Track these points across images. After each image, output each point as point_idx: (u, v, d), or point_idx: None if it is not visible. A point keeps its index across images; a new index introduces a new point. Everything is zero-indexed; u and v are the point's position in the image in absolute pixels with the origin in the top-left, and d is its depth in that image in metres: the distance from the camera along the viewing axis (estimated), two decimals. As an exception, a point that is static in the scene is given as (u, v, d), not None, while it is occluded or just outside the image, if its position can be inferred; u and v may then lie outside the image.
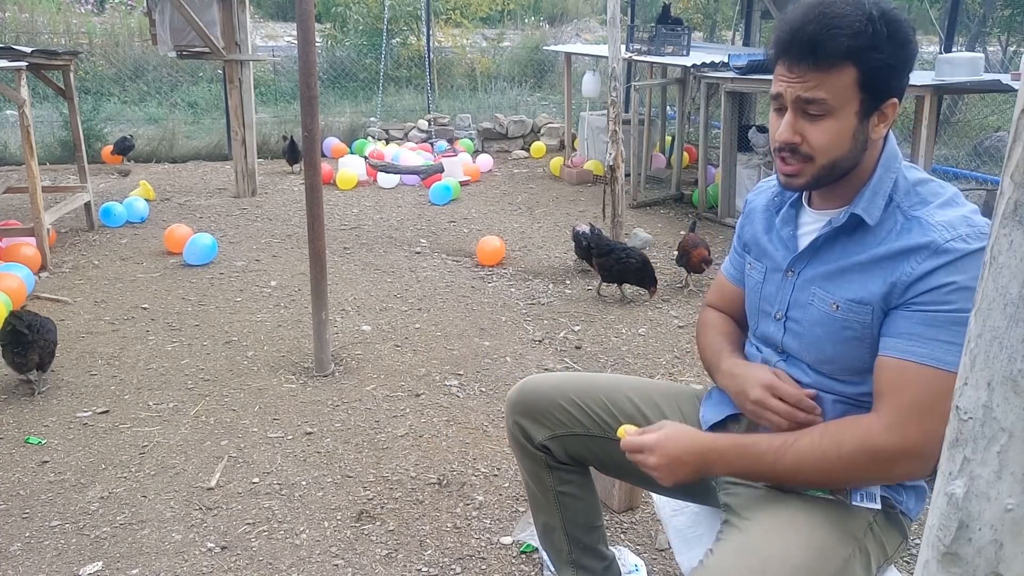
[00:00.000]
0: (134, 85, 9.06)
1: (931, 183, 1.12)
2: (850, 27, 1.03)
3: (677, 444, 1.14)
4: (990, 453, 0.52)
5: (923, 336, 1.03)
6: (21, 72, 3.77)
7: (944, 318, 1.02)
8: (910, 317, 1.04)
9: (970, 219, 1.05)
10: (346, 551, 1.86)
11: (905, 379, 1.03)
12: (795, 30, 1.06)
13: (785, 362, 1.21)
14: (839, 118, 1.07)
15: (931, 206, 1.08)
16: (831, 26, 1.03)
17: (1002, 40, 8.16)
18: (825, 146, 1.09)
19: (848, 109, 1.07)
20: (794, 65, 1.07)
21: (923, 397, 1.01)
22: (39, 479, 2.14)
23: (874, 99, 1.07)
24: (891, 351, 1.05)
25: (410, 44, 10.04)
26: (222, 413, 2.53)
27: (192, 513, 2.00)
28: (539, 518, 1.52)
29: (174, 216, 5.06)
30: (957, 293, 1.01)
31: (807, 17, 1.06)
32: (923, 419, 1.01)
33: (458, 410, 2.57)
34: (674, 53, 5.55)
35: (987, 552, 0.53)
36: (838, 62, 1.04)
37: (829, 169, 1.10)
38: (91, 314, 3.38)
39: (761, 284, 1.25)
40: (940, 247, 1.03)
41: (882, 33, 1.03)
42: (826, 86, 1.06)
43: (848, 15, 1.04)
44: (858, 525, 1.12)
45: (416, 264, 4.15)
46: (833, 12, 1.04)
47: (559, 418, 1.37)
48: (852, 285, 1.10)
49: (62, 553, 1.84)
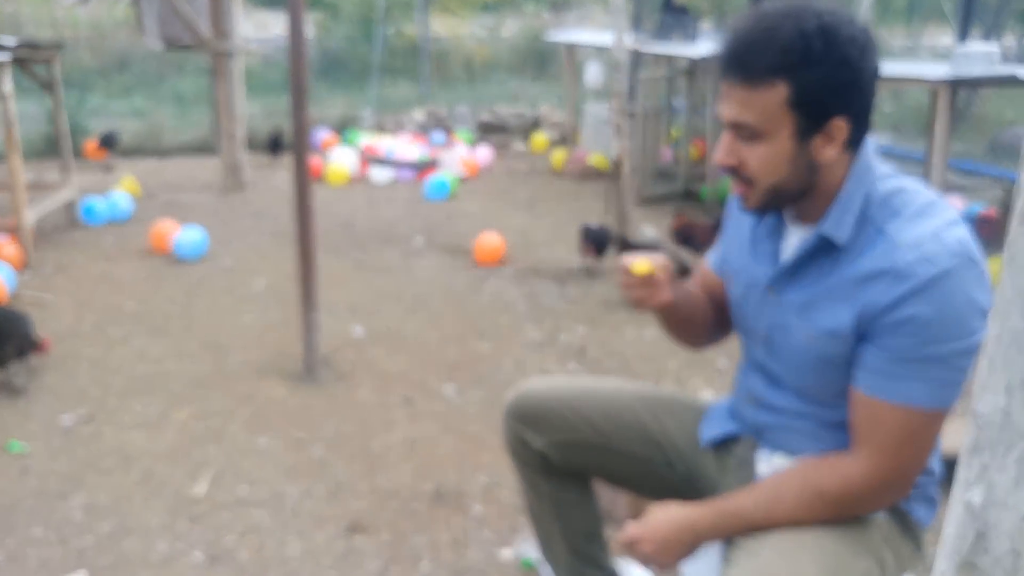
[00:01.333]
0: (120, 78, 8.94)
1: (905, 192, 1.06)
2: (779, 42, 0.98)
3: (664, 527, 1.15)
4: (1009, 459, 0.51)
5: (892, 374, 1.02)
6: (5, 65, 3.68)
7: (912, 355, 1.00)
8: (878, 354, 1.03)
9: (939, 235, 1.00)
10: (338, 563, 1.81)
11: (877, 418, 1.04)
12: (729, 46, 1.03)
13: (775, 388, 1.21)
14: (771, 142, 1.03)
15: (901, 218, 1.03)
16: (759, 40, 0.99)
17: (1017, 32, 8.11)
18: (760, 171, 1.05)
19: (781, 132, 1.02)
20: (728, 82, 1.04)
21: (896, 435, 1.03)
22: (21, 487, 2.10)
23: (811, 120, 1.01)
24: (861, 387, 1.05)
25: (405, 33, 9.93)
26: (209, 419, 2.47)
27: (178, 523, 1.96)
28: (538, 528, 1.50)
29: (159, 212, 4.97)
30: (925, 329, 0.99)
31: (739, 31, 1.03)
32: (898, 454, 1.04)
33: (455, 417, 2.52)
34: (681, 43, 5.46)
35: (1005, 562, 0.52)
36: (766, 79, 0.99)
37: (773, 194, 1.07)
38: (74, 315, 3.31)
39: (743, 301, 1.23)
40: (902, 272, 0.99)
41: (817, 49, 0.97)
42: (754, 105, 1.01)
43: (779, 28, 0.98)
44: (871, 537, 1.11)
45: (411, 263, 4.09)
46: (764, 25, 1.00)
47: (559, 425, 1.35)
48: (825, 315, 1.08)
49: (45, 563, 1.80)
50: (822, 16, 0.99)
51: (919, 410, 1.01)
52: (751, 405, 1.25)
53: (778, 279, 1.14)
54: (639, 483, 1.42)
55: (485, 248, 4.05)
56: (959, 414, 1.01)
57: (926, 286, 0.98)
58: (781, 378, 1.19)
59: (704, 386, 2.75)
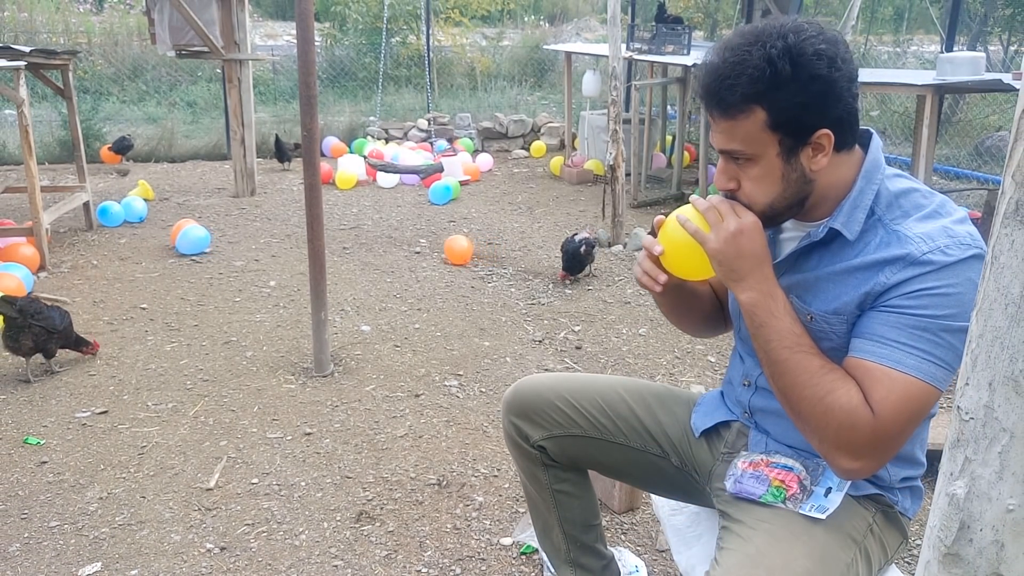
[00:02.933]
0: (133, 84, 9.05)
1: (914, 193, 1.08)
2: (748, 71, 1.00)
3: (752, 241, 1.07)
4: (991, 453, 0.52)
5: (885, 337, 1.01)
6: (20, 71, 3.76)
7: (908, 321, 1.00)
8: (876, 318, 1.03)
9: (951, 230, 1.02)
10: (345, 552, 1.85)
11: (870, 380, 1.01)
12: (701, 81, 1.06)
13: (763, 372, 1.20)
14: (761, 163, 1.06)
15: (912, 219, 1.05)
16: (727, 75, 1.02)
17: (1003, 39, 8.16)
18: (756, 194, 1.08)
19: (768, 152, 1.05)
20: (709, 114, 1.07)
21: (890, 398, 0.99)
22: (38, 479, 2.14)
23: (794, 137, 1.04)
24: (855, 352, 1.04)
25: (409, 43, 10.04)
26: (221, 413, 2.52)
27: (191, 514, 1.99)
28: (536, 517, 1.52)
29: (173, 216, 5.05)
30: (928, 298, 0.99)
31: (709, 66, 1.05)
32: (893, 421, 0.99)
33: (458, 410, 2.56)
34: (675, 52, 5.54)
35: (988, 553, 0.53)
36: (742, 107, 1.02)
37: (772, 212, 1.09)
38: (90, 314, 3.37)
39: None
40: (916, 259, 1.01)
41: (785, 71, 0.99)
42: (737, 134, 1.04)
43: (745, 60, 1.01)
44: (857, 527, 1.12)
45: (416, 264, 4.14)
46: (732, 58, 1.02)
47: (555, 419, 1.37)
48: (827, 295, 1.09)
49: (61, 554, 1.84)
50: (786, 37, 1.00)
51: (909, 378, 0.99)
52: (745, 388, 1.27)
53: (778, 265, 1.14)
54: (635, 474, 1.44)
55: (455, 249, 4.10)
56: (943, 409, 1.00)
57: (938, 269, 0.99)
58: None
59: (695, 381, 2.80)
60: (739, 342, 1.31)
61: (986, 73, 3.70)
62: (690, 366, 2.92)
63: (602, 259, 4.26)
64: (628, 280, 3.94)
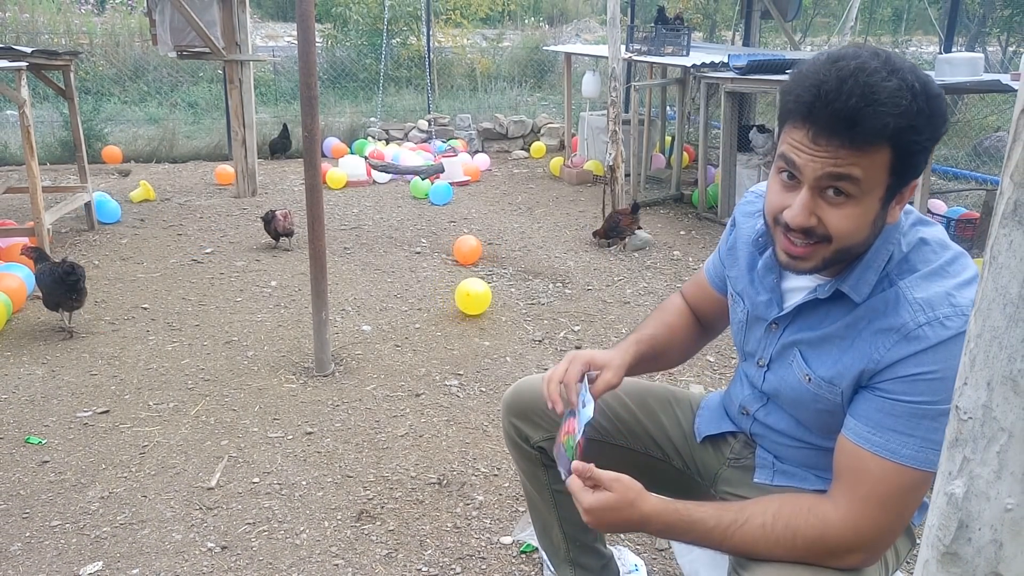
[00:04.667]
0: (134, 85, 9.07)
1: (926, 247, 1.01)
2: (896, 105, 0.88)
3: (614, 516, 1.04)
4: (990, 453, 0.52)
5: (881, 425, 0.97)
6: (21, 72, 3.77)
7: (904, 409, 0.95)
8: (871, 401, 0.99)
9: (953, 297, 0.95)
10: (346, 551, 1.86)
11: (861, 468, 0.98)
12: (829, 99, 0.90)
13: (764, 406, 1.20)
14: (863, 203, 0.95)
15: (916, 275, 0.98)
16: (876, 102, 0.88)
17: (1002, 40, 8.18)
18: (842, 232, 0.96)
19: (875, 194, 0.94)
20: (821, 137, 0.92)
21: (878, 490, 0.97)
22: (39, 479, 2.14)
23: (901, 182, 0.95)
24: (850, 435, 1.00)
25: (410, 44, 10.06)
26: (222, 413, 2.53)
27: (192, 513, 2.00)
28: (536, 516, 1.52)
29: (174, 215, 5.06)
30: (924, 383, 0.94)
31: (844, 85, 0.89)
32: (878, 514, 0.97)
33: (458, 410, 2.57)
34: (674, 53, 5.55)
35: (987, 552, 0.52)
36: (877, 143, 0.90)
37: (843, 254, 0.99)
38: (91, 314, 3.38)
39: (744, 326, 1.21)
40: (911, 332, 0.95)
41: (924, 112, 0.90)
42: (854, 167, 0.92)
43: (893, 91, 0.89)
44: None
45: (416, 264, 4.15)
46: (877, 84, 0.89)
47: (555, 420, 1.35)
48: (827, 360, 1.05)
49: (62, 553, 1.84)
50: (915, 70, 0.91)
51: (905, 468, 0.95)
52: (744, 416, 1.25)
53: (782, 318, 1.12)
54: (635, 475, 1.41)
55: (463, 250, 4.11)
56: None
57: (935, 347, 0.94)
58: (775, 402, 1.18)
59: (694, 380, 2.80)
60: (741, 360, 1.26)
61: (984, 74, 3.71)
62: (689, 366, 2.93)
63: (601, 259, 4.27)
64: (628, 280, 3.95)
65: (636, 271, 4.09)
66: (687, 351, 1.37)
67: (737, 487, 1.27)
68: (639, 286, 3.86)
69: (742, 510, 1.05)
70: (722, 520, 1.04)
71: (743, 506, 1.06)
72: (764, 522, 1.02)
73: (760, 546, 1.02)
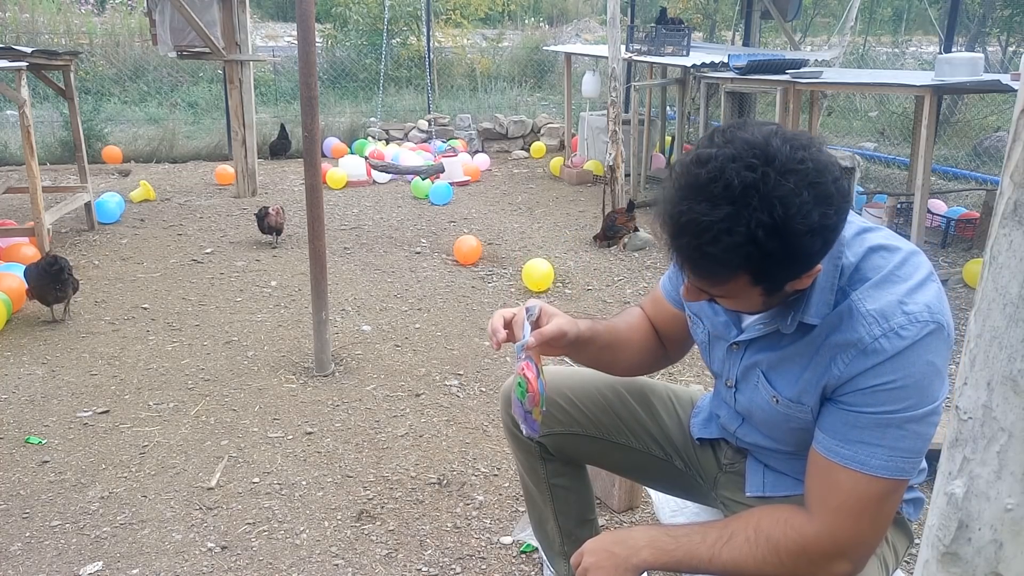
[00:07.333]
0: (134, 85, 9.07)
1: (875, 255, 1.00)
2: (731, 251, 0.87)
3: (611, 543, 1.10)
4: (990, 453, 0.52)
5: (847, 437, 0.98)
6: (21, 72, 3.77)
7: (868, 420, 0.97)
8: (836, 414, 1.00)
9: (906, 304, 0.95)
10: (346, 551, 1.86)
11: (832, 480, 0.99)
12: (669, 235, 0.92)
13: (741, 425, 1.21)
14: (740, 298, 0.99)
15: (867, 285, 0.98)
16: (701, 245, 0.88)
17: (1002, 40, 8.18)
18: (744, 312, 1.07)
19: (750, 294, 0.96)
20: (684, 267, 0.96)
21: (850, 501, 0.98)
22: (39, 479, 2.15)
23: (780, 284, 0.95)
24: (819, 447, 1.02)
25: (410, 44, 10.06)
26: (222, 413, 2.53)
27: (192, 513, 2.00)
28: (532, 509, 1.53)
29: (174, 215, 5.07)
30: (884, 394, 0.95)
31: (677, 224, 0.89)
32: (852, 524, 0.99)
33: (458, 410, 2.57)
34: (674, 53, 5.55)
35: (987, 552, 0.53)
36: (726, 277, 0.92)
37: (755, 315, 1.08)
38: (91, 314, 3.38)
39: (708, 346, 1.21)
40: (867, 346, 0.95)
41: (774, 251, 0.87)
42: (716, 290, 0.97)
43: (724, 229, 0.86)
44: None
45: (416, 264, 4.15)
46: (703, 223, 0.86)
47: (556, 416, 1.36)
48: (789, 379, 1.06)
49: (62, 553, 1.84)
50: (772, 207, 0.85)
51: (875, 478, 0.96)
52: (726, 431, 1.26)
53: (742, 341, 1.12)
54: (639, 472, 1.44)
55: (464, 250, 4.11)
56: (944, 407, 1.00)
57: (893, 358, 0.94)
58: (749, 421, 1.19)
59: (694, 380, 2.80)
60: (715, 378, 1.26)
61: (984, 74, 3.71)
62: (689, 366, 2.93)
63: (601, 259, 4.27)
64: (628, 280, 3.95)
65: (636, 271, 4.09)
66: (643, 359, 1.32)
67: (735, 493, 1.28)
68: (639, 286, 3.86)
69: (725, 526, 1.07)
70: (707, 536, 1.06)
71: (726, 522, 1.09)
72: (748, 536, 1.04)
73: (749, 562, 1.03)
